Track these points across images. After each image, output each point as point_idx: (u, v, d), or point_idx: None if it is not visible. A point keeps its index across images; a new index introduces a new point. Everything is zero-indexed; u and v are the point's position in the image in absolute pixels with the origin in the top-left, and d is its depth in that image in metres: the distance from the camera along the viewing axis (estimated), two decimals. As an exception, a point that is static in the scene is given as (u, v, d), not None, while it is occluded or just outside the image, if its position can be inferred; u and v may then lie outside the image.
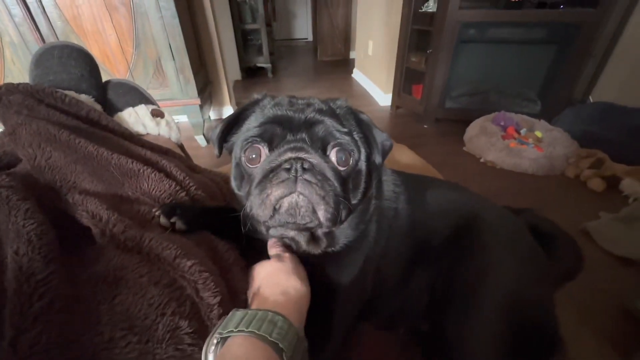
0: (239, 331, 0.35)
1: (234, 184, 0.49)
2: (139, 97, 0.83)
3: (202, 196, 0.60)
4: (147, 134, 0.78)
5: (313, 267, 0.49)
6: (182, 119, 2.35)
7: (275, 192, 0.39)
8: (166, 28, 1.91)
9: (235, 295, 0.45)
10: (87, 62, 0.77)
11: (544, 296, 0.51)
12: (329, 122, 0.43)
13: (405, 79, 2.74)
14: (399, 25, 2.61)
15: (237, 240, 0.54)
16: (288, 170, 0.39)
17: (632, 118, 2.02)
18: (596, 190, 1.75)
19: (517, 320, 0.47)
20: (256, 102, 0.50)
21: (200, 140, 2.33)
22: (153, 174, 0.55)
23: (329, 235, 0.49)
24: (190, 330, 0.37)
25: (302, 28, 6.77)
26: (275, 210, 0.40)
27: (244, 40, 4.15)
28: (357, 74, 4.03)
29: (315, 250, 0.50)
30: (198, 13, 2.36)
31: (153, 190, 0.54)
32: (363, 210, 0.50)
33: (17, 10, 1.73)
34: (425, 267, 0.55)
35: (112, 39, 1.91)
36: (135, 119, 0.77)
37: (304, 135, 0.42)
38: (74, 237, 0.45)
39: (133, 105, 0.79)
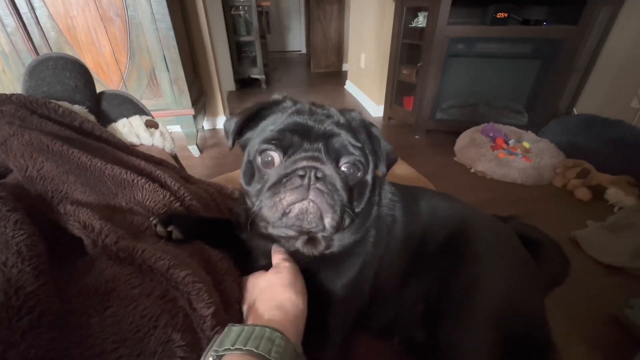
0: (236, 349, 0.34)
1: (243, 179, 0.50)
2: (133, 108, 0.83)
3: (196, 207, 0.60)
4: (141, 144, 0.78)
5: (311, 271, 0.49)
6: (176, 129, 2.35)
7: (288, 197, 0.41)
8: (161, 39, 1.93)
9: (229, 305, 0.45)
10: (81, 73, 0.77)
11: (536, 302, 0.52)
12: (345, 136, 0.45)
13: (397, 91, 2.80)
14: (390, 39, 2.68)
15: (231, 250, 0.54)
16: (302, 177, 0.41)
17: (613, 129, 2.10)
18: (583, 200, 1.79)
19: (509, 328, 0.47)
20: (276, 103, 0.51)
21: (193, 150, 2.32)
22: (147, 184, 0.55)
23: (328, 238, 0.50)
24: (183, 343, 0.37)
25: (296, 40, 6.89)
26: (284, 213, 0.41)
27: (239, 52, 4.19)
28: (349, 86, 4.10)
29: (312, 252, 0.50)
30: (193, 25, 2.39)
31: (147, 200, 0.54)
32: (364, 217, 0.52)
33: (10, 21, 1.73)
34: (419, 275, 0.55)
35: (107, 50, 1.92)
36: (129, 129, 0.77)
37: (320, 145, 0.44)
38: (65, 249, 0.44)
39: (127, 116, 0.79)
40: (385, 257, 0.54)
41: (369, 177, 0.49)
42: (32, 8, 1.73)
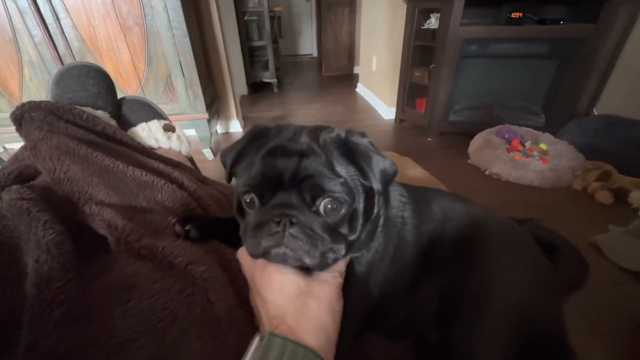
0: None
1: (234, 212, 0.49)
2: (151, 112, 0.87)
3: (212, 207, 0.62)
4: (159, 147, 0.81)
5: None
6: (190, 132, 2.41)
7: (264, 243, 0.41)
8: (177, 46, 1.99)
9: (243, 301, 0.46)
10: (103, 80, 0.81)
11: (552, 306, 0.51)
12: (319, 173, 0.43)
13: (409, 93, 2.78)
14: (402, 41, 2.68)
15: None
16: (278, 223, 0.41)
17: (636, 130, 2.02)
18: (604, 203, 1.73)
19: (524, 331, 0.47)
20: (256, 137, 0.49)
21: (207, 153, 2.37)
22: (166, 186, 0.57)
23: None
24: (201, 334, 0.39)
25: (307, 44, 6.96)
26: (265, 254, 0.42)
27: (251, 57, 4.27)
28: (361, 89, 4.10)
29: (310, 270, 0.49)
30: (207, 31, 2.45)
31: (166, 201, 0.56)
32: (369, 232, 0.51)
33: (37, 31, 1.82)
34: (431, 276, 0.55)
35: (126, 57, 1.99)
36: (148, 133, 0.80)
37: (294, 191, 0.43)
38: (90, 246, 0.46)
39: (146, 121, 0.83)
40: (395, 258, 0.54)
41: (359, 206, 0.46)
42: (57, 19, 1.82)
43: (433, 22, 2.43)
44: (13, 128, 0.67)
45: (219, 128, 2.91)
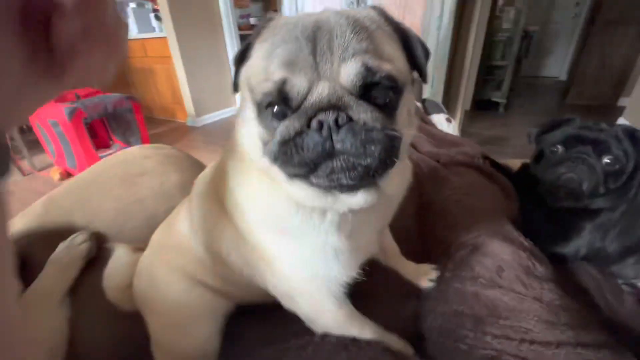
0: None
1: (532, 158, 0.89)
2: (439, 108, 1.41)
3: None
4: (442, 130, 1.33)
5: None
6: (419, 132, 2.96)
7: (561, 169, 0.79)
8: (435, 64, 2.54)
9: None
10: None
11: None
12: (606, 142, 0.75)
13: None
14: None
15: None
16: (574, 160, 0.78)
17: None
18: None
19: None
20: (558, 122, 0.86)
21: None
22: (463, 143, 1.05)
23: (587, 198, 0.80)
24: (491, 197, 0.84)
25: (555, 66, 6.07)
26: (558, 178, 0.79)
27: (486, 75, 4.34)
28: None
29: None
30: (459, 52, 2.87)
31: (467, 151, 1.03)
32: (620, 194, 0.78)
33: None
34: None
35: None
36: (438, 119, 1.32)
37: (590, 147, 0.77)
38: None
39: (437, 113, 1.36)
40: (630, 220, 0.78)
41: (627, 168, 0.74)
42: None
43: None
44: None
45: (439, 134, 3.33)
